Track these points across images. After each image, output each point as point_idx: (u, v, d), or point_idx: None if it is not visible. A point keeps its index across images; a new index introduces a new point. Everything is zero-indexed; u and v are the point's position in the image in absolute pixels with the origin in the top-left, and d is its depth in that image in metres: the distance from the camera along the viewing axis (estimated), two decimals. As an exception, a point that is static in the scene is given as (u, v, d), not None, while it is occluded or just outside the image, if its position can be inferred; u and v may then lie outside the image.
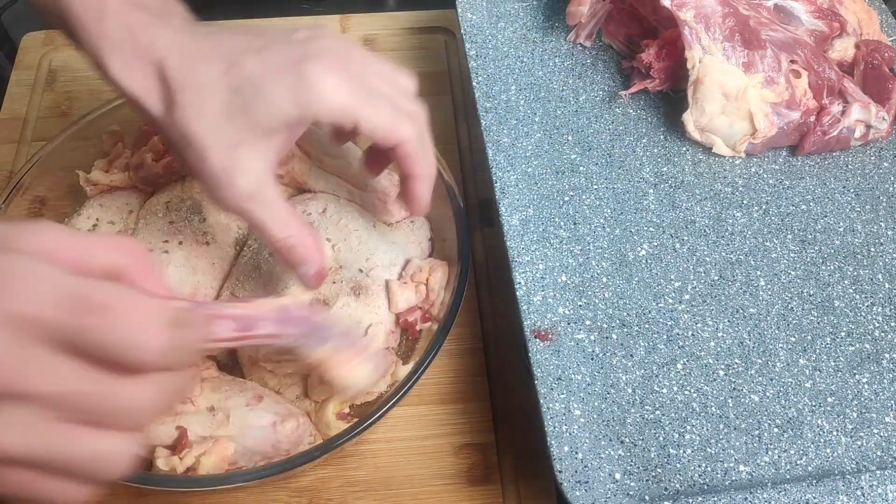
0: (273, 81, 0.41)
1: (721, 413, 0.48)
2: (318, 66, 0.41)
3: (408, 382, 0.49)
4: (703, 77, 0.59)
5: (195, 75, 0.41)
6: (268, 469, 0.47)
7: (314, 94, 0.41)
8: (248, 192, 0.43)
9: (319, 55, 0.41)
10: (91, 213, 0.57)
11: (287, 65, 0.41)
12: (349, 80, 0.42)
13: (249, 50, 0.42)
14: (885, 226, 0.57)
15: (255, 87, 0.41)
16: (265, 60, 0.41)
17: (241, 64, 0.41)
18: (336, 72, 0.41)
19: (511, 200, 0.56)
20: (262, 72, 0.41)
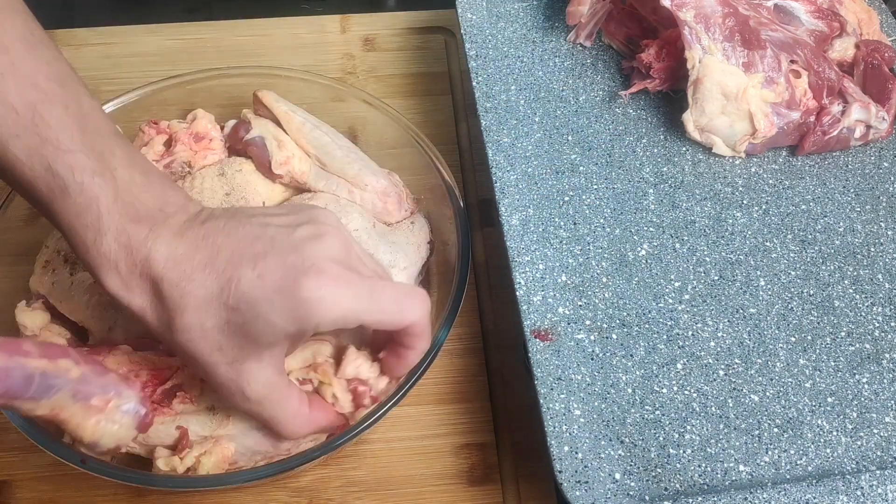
0: (270, 303, 0.40)
1: (721, 413, 0.48)
2: (316, 283, 0.40)
3: (408, 382, 0.49)
4: (703, 77, 0.59)
5: (191, 295, 0.40)
6: (268, 469, 0.47)
7: (313, 313, 0.40)
8: (257, 399, 0.43)
9: (319, 268, 0.40)
10: (91, 213, 0.57)
11: (284, 283, 0.40)
12: (350, 287, 0.41)
13: (245, 261, 0.41)
14: (885, 226, 0.57)
15: (251, 308, 0.40)
16: (262, 277, 0.40)
17: (238, 282, 0.40)
18: (335, 284, 0.40)
19: (511, 200, 0.56)
20: (258, 293, 0.40)
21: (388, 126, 0.61)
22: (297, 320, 0.40)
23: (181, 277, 0.41)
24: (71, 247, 0.42)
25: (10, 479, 0.52)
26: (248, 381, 0.42)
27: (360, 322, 0.42)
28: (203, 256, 0.41)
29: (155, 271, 0.41)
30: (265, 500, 0.52)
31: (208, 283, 0.40)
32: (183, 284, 0.41)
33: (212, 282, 0.40)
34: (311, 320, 0.40)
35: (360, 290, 0.41)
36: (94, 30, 0.78)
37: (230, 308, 0.40)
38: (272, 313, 0.40)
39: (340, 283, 0.41)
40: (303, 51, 0.78)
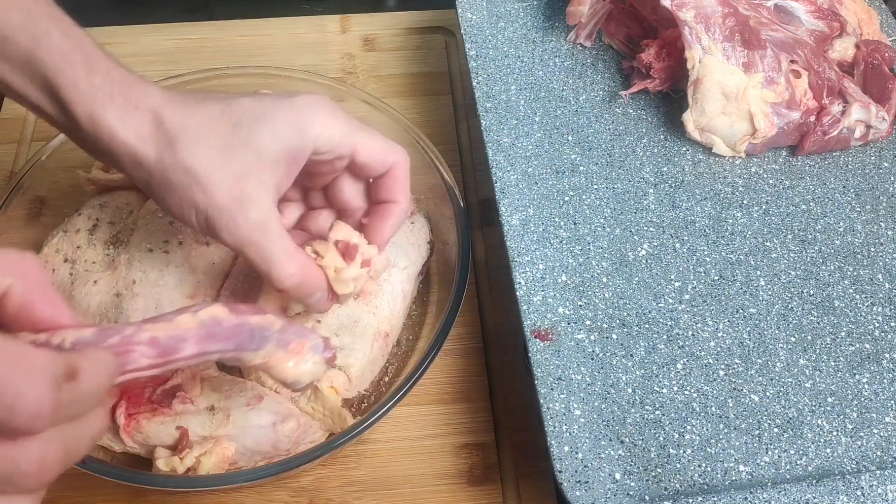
0: (272, 113, 0.42)
1: (721, 413, 0.48)
2: (310, 102, 0.43)
3: (408, 382, 0.49)
4: (703, 77, 0.59)
5: (193, 115, 0.42)
6: (268, 469, 0.47)
7: (312, 123, 0.42)
8: (258, 223, 0.42)
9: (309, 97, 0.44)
10: (91, 213, 0.57)
11: (281, 101, 0.43)
12: (340, 115, 0.44)
13: (242, 95, 0.44)
14: (885, 226, 0.57)
15: (255, 119, 0.42)
16: (260, 100, 0.43)
17: (238, 102, 0.43)
18: (327, 108, 0.44)
19: (511, 200, 0.56)
20: (259, 107, 0.42)
21: (388, 126, 0.61)
22: (299, 130, 0.42)
23: (181, 104, 0.42)
24: (58, 89, 0.41)
25: (10, 479, 0.52)
26: (249, 200, 0.42)
27: (352, 149, 0.44)
28: (200, 95, 0.44)
29: (154, 102, 0.42)
30: (265, 500, 0.52)
31: (209, 107, 0.42)
32: (183, 110, 0.42)
33: (212, 105, 0.43)
34: (312, 131, 0.42)
35: (352, 120, 0.44)
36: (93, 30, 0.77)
37: (233, 123, 0.42)
38: (276, 122, 0.42)
39: (333, 110, 0.44)
40: (303, 51, 0.78)
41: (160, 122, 0.42)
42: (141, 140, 0.41)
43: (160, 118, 0.42)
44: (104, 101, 0.41)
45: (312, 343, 0.42)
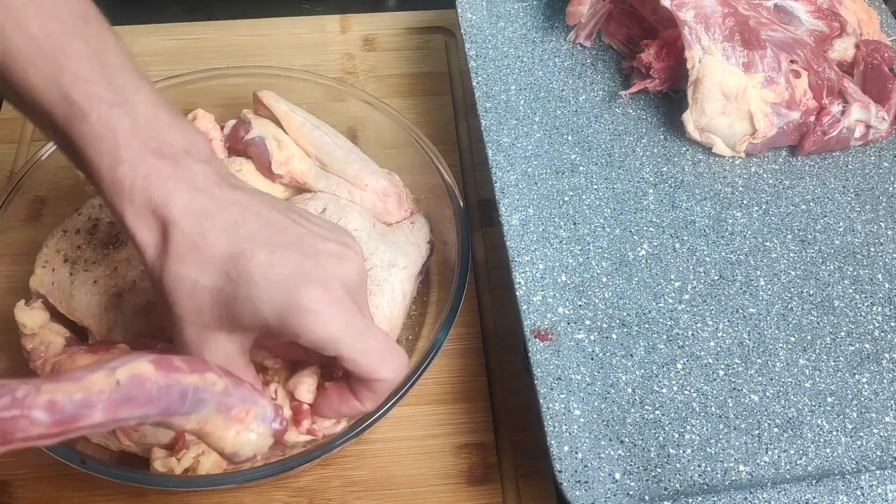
0: (268, 292, 0.39)
1: (721, 413, 0.48)
2: (318, 296, 0.39)
3: (408, 382, 0.49)
4: (702, 77, 0.59)
5: (199, 251, 0.40)
6: (267, 469, 0.46)
7: (301, 322, 0.39)
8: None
9: (327, 284, 0.40)
10: (91, 213, 0.57)
11: (290, 281, 0.39)
12: (346, 315, 0.40)
13: (264, 244, 0.40)
14: (885, 226, 0.57)
15: (249, 287, 0.39)
16: (272, 265, 0.39)
17: (249, 259, 0.39)
18: (335, 306, 0.40)
19: (511, 200, 0.56)
20: (261, 277, 0.39)
21: (388, 126, 0.61)
22: (284, 320, 0.39)
23: (196, 231, 0.40)
24: (86, 176, 0.41)
25: (10, 479, 0.52)
26: (210, 349, 0.41)
27: (337, 353, 0.40)
28: (225, 221, 0.40)
29: (171, 215, 0.40)
30: (265, 500, 0.52)
31: (220, 247, 0.40)
32: (195, 238, 0.40)
33: (224, 247, 0.40)
34: (296, 327, 0.39)
35: (353, 323, 0.40)
36: (94, 30, 0.78)
37: (229, 279, 0.39)
38: (265, 302, 0.39)
39: (341, 307, 0.40)
40: (303, 51, 0.78)
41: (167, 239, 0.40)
42: (144, 245, 0.41)
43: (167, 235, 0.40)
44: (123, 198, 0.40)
45: (260, 411, 0.38)
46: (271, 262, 0.39)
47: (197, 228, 0.40)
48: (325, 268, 0.40)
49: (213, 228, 0.40)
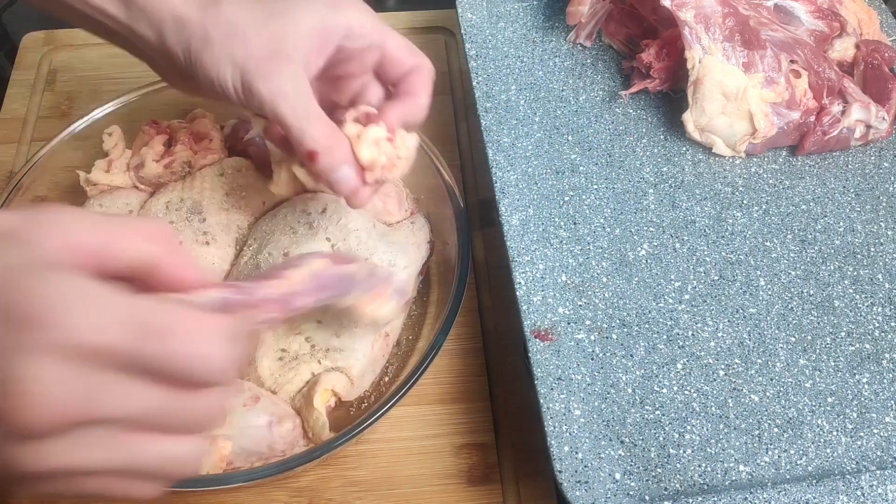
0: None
1: (721, 413, 0.48)
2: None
3: (408, 382, 0.49)
4: (703, 77, 0.59)
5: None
6: (268, 469, 0.47)
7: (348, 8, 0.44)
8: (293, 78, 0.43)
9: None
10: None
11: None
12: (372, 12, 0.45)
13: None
14: (885, 226, 0.57)
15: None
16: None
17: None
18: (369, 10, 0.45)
19: (511, 200, 0.56)
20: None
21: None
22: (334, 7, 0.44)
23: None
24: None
25: (10, 479, 0.52)
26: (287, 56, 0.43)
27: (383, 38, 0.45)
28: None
29: None
30: (265, 500, 0.52)
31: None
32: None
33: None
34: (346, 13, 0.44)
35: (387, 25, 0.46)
36: (94, 30, 0.78)
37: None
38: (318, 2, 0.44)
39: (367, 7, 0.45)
40: (303, 51, 0.78)
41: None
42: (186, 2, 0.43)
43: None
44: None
45: (396, 286, 0.48)
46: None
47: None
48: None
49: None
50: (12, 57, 0.78)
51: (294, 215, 0.56)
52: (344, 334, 0.52)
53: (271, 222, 0.56)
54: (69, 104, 0.74)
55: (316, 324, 0.52)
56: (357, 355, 0.52)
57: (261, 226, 0.57)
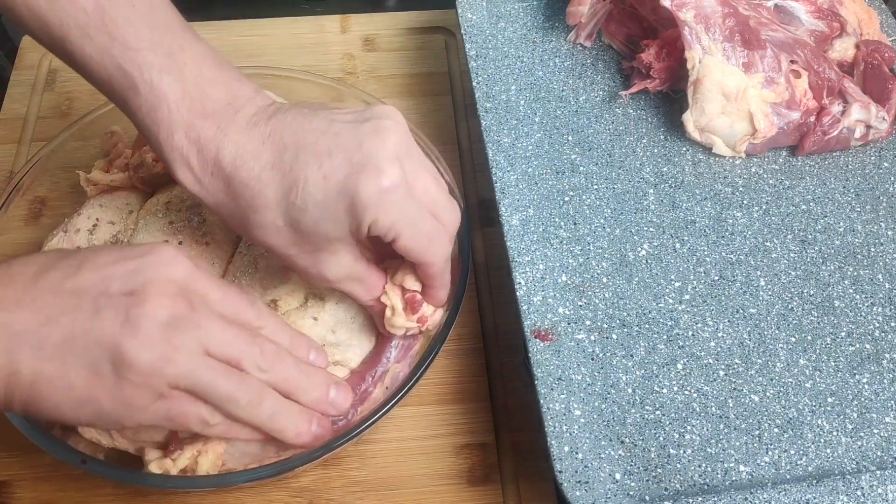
0: (335, 203, 0.42)
1: (721, 413, 0.48)
2: (374, 185, 0.42)
3: (408, 382, 0.49)
4: (702, 77, 0.59)
5: (262, 195, 0.43)
6: (268, 469, 0.47)
7: (369, 216, 0.42)
8: (336, 279, 0.47)
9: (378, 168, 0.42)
10: (91, 213, 0.57)
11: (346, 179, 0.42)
12: (399, 201, 0.43)
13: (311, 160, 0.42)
14: (885, 226, 0.57)
15: (318, 208, 0.42)
16: (327, 178, 0.42)
17: (305, 183, 0.42)
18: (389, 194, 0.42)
19: (511, 200, 0.56)
20: (322, 195, 0.42)
21: (388, 126, 0.61)
22: (355, 219, 0.43)
23: (250, 177, 0.43)
24: (149, 144, 0.45)
25: (10, 479, 0.52)
26: (328, 269, 0.46)
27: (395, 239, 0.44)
28: (270, 155, 0.43)
29: (225, 170, 0.43)
30: (265, 501, 0.52)
31: (276, 183, 0.42)
32: (252, 184, 0.43)
33: (279, 182, 0.42)
34: (365, 222, 0.43)
35: (407, 206, 0.43)
36: (94, 30, 0.78)
37: (298, 209, 0.42)
38: (339, 213, 0.42)
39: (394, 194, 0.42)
40: (303, 51, 0.78)
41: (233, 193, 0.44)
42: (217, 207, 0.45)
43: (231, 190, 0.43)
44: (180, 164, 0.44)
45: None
46: (325, 177, 0.42)
47: (250, 174, 0.43)
48: (370, 153, 0.42)
49: (263, 168, 0.43)
50: (12, 57, 0.78)
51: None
52: (341, 329, 0.52)
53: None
54: (69, 104, 0.74)
55: (312, 321, 0.52)
56: (354, 349, 0.52)
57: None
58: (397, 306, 0.50)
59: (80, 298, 0.39)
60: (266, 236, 0.44)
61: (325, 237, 0.44)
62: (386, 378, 0.52)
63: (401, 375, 0.52)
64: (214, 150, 0.43)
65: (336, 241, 0.44)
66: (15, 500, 0.52)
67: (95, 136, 0.62)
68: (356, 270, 0.47)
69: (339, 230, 0.43)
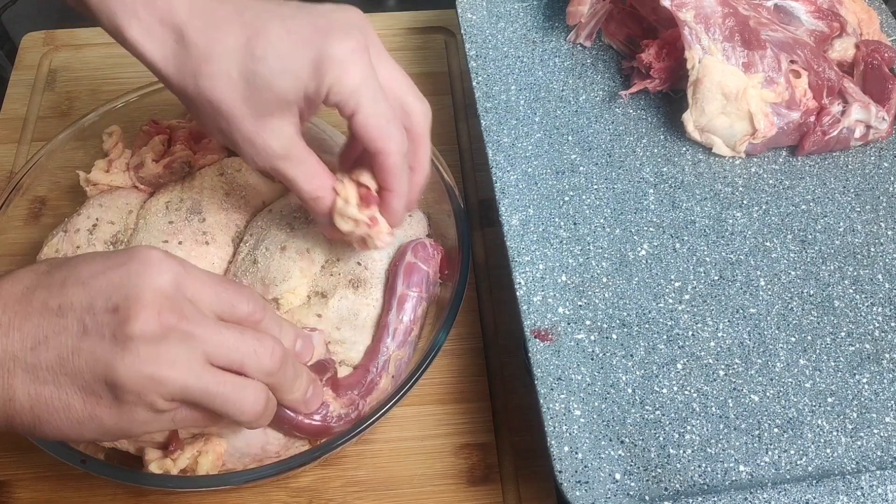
0: (297, 55, 0.41)
1: (721, 413, 0.48)
2: (340, 44, 0.41)
3: (408, 382, 0.49)
4: (702, 77, 0.59)
5: (218, 42, 0.41)
6: (268, 469, 0.47)
7: (332, 74, 0.41)
8: (279, 153, 0.45)
9: (344, 32, 0.42)
10: (91, 213, 0.57)
11: (311, 36, 0.41)
12: (365, 67, 0.42)
13: (274, 17, 0.42)
14: (885, 226, 0.57)
15: (279, 59, 0.41)
16: (289, 29, 0.41)
17: (266, 31, 0.41)
18: (355, 55, 0.42)
19: (511, 200, 0.56)
20: (285, 45, 0.41)
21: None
22: (317, 78, 0.41)
23: (207, 25, 0.41)
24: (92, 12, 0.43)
25: (10, 479, 0.52)
26: (272, 134, 0.44)
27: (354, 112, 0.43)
28: (230, 9, 0.42)
29: (178, 18, 0.42)
30: (265, 500, 0.52)
31: (235, 32, 0.41)
32: (210, 32, 0.41)
33: (239, 31, 0.41)
34: (327, 83, 0.41)
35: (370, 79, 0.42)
36: (95, 30, 0.78)
37: (257, 58, 0.41)
38: (299, 66, 0.41)
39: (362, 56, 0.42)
40: (303, 51, 0.78)
41: (184, 42, 0.42)
42: (166, 60, 0.42)
43: (184, 38, 0.42)
44: (127, 14, 0.42)
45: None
46: (288, 30, 0.41)
47: (207, 23, 0.41)
48: (336, 20, 0.42)
49: (221, 19, 0.42)
50: (12, 57, 0.78)
51: (289, 210, 0.56)
52: (344, 326, 0.52)
53: (267, 217, 0.56)
54: (69, 104, 0.74)
55: (316, 318, 0.52)
56: (358, 347, 0.52)
57: (256, 222, 0.57)
58: (350, 198, 0.48)
59: (67, 318, 0.37)
60: (216, 87, 0.42)
61: (279, 95, 0.42)
62: (390, 366, 0.51)
63: (404, 362, 0.52)
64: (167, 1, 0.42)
65: (287, 105, 0.43)
66: (14, 500, 0.52)
67: (95, 136, 0.62)
68: (299, 150, 0.45)
69: (296, 88, 0.42)
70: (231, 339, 0.39)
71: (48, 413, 0.37)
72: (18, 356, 0.37)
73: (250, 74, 0.42)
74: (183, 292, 0.39)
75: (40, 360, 0.37)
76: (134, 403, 0.37)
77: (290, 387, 0.44)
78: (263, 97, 0.42)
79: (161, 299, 0.37)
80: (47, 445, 0.45)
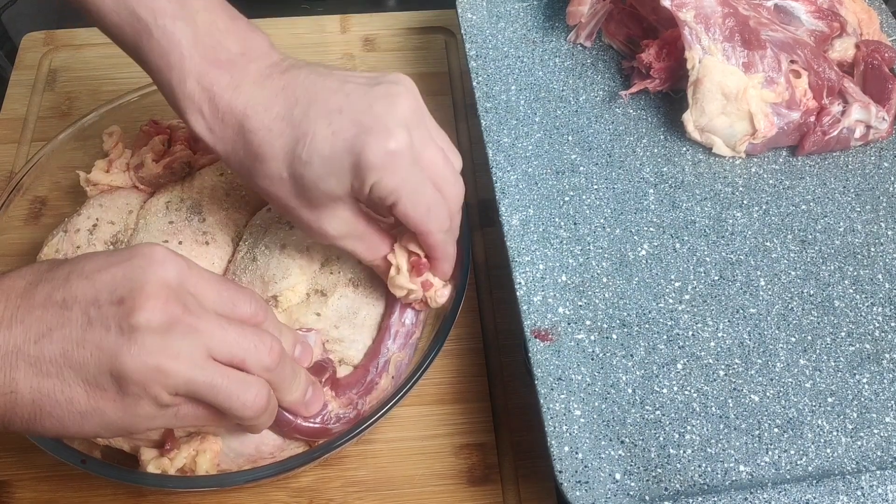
0: (340, 161, 0.43)
1: (721, 413, 0.48)
2: (380, 146, 0.42)
3: (408, 382, 0.49)
4: (703, 77, 0.59)
5: (270, 145, 0.44)
6: (268, 469, 0.47)
7: (372, 178, 0.43)
8: (337, 236, 0.47)
9: (387, 131, 0.43)
10: (91, 213, 0.57)
11: (354, 138, 0.42)
12: (403, 168, 0.43)
13: (321, 116, 0.43)
14: (885, 226, 0.57)
15: (324, 164, 0.43)
16: (335, 134, 0.43)
17: (313, 137, 0.43)
18: (394, 159, 0.43)
19: (511, 200, 0.56)
20: (329, 151, 0.43)
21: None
22: (358, 178, 0.43)
23: (260, 126, 0.43)
24: (159, 88, 0.45)
25: (10, 479, 0.52)
26: (327, 221, 0.46)
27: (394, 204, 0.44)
28: (281, 108, 0.43)
29: (237, 118, 0.44)
30: (265, 501, 0.52)
31: (285, 134, 0.43)
32: (262, 133, 0.43)
33: (288, 134, 0.43)
34: (368, 182, 0.43)
35: (410, 173, 0.44)
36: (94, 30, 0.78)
37: (303, 162, 0.43)
38: (341, 168, 0.43)
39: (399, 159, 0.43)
40: (303, 51, 0.78)
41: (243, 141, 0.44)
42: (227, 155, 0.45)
43: (242, 138, 0.44)
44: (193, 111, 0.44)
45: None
46: (333, 133, 0.43)
47: (261, 124, 0.43)
48: (380, 116, 0.43)
49: (273, 119, 0.43)
50: (12, 57, 0.78)
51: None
52: (343, 325, 0.52)
53: (266, 216, 0.56)
54: (69, 104, 0.74)
55: (315, 316, 0.52)
56: (357, 346, 0.52)
57: (256, 221, 0.57)
58: (402, 266, 0.50)
59: (71, 311, 0.38)
60: (270, 186, 0.45)
61: (327, 193, 0.44)
62: (390, 367, 0.52)
63: (404, 364, 0.52)
64: (227, 98, 0.43)
65: (337, 198, 0.45)
66: (14, 500, 0.52)
67: (95, 136, 0.62)
68: (357, 228, 0.47)
69: (341, 188, 0.44)
70: (233, 334, 0.40)
71: (50, 406, 0.38)
72: (21, 349, 0.37)
73: (298, 176, 0.44)
74: (186, 287, 0.40)
75: (44, 352, 0.37)
76: (138, 396, 0.38)
77: (288, 386, 0.44)
78: (312, 195, 0.45)
79: (166, 291, 0.38)
80: (47, 445, 0.45)
